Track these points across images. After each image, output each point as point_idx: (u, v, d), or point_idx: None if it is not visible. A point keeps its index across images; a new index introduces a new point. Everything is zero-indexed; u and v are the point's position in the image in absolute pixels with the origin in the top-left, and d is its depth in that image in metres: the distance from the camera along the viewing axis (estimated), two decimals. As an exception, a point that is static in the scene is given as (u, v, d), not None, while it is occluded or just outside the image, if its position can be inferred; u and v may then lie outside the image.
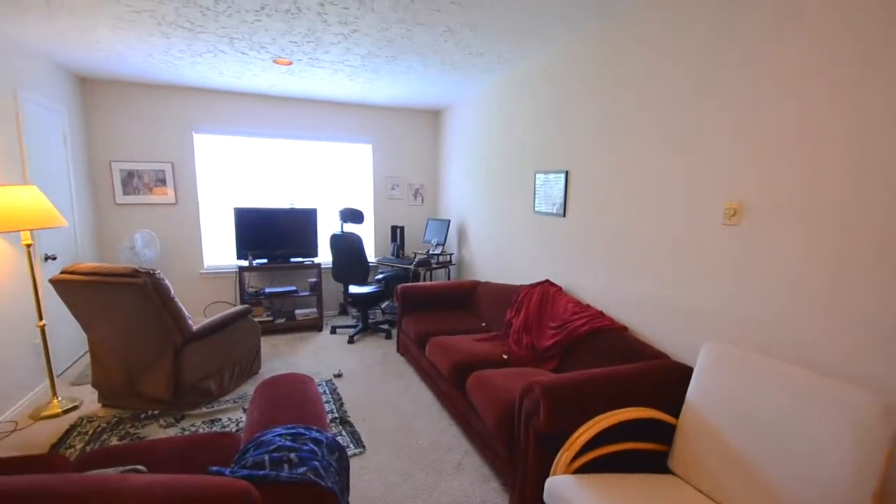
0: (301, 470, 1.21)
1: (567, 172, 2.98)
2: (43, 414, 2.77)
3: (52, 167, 3.41)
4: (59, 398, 2.90)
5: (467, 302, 3.84)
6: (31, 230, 2.64)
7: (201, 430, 2.61)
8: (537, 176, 3.31)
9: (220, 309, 4.61)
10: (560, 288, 3.02)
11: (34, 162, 3.12)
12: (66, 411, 2.83)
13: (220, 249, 4.69)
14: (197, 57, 3.27)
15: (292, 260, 4.58)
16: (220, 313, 3.14)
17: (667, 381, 1.89)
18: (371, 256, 5.17)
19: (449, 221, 4.68)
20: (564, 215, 3.04)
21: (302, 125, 4.78)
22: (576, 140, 2.88)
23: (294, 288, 4.59)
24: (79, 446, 2.44)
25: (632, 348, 2.23)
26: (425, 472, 2.29)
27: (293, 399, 1.65)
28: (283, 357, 3.83)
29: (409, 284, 3.77)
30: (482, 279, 4.12)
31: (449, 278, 4.82)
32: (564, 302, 2.85)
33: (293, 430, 1.33)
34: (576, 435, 1.65)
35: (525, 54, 3.15)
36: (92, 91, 4.04)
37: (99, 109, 4.08)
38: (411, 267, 4.39)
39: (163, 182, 4.35)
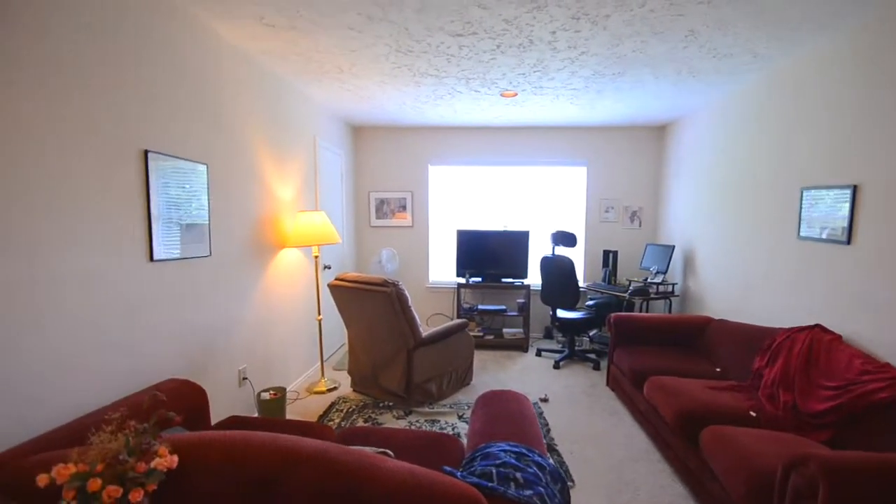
0: (528, 493, 1.18)
1: (855, 187, 2.25)
2: (314, 390, 3.55)
3: (332, 197, 4.45)
4: (325, 379, 3.67)
5: (695, 340, 3.26)
6: (319, 245, 3.47)
7: (424, 427, 2.90)
8: (805, 193, 2.60)
9: (440, 320, 5.14)
10: (838, 336, 2.28)
11: (322, 193, 4.13)
12: (329, 390, 3.56)
13: (442, 267, 5.27)
14: (438, 99, 3.80)
15: (503, 280, 4.78)
16: (442, 325, 3.48)
17: None
18: (581, 281, 4.97)
19: (673, 247, 4.12)
20: (849, 242, 2.29)
21: (518, 151, 5.02)
22: (872, 146, 2.14)
23: (504, 307, 4.77)
24: (336, 421, 3.02)
25: None
26: (649, 536, 1.98)
27: (512, 416, 1.65)
28: (491, 372, 3.99)
29: (624, 314, 3.44)
30: (714, 315, 3.44)
31: (670, 311, 4.21)
32: (847, 356, 2.13)
33: (516, 449, 1.32)
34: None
35: (790, 48, 2.55)
36: (360, 136, 5.14)
37: (363, 151, 5.16)
38: (625, 295, 4.02)
39: (403, 208, 5.18)
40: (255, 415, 2.83)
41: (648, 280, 4.17)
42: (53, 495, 0.99)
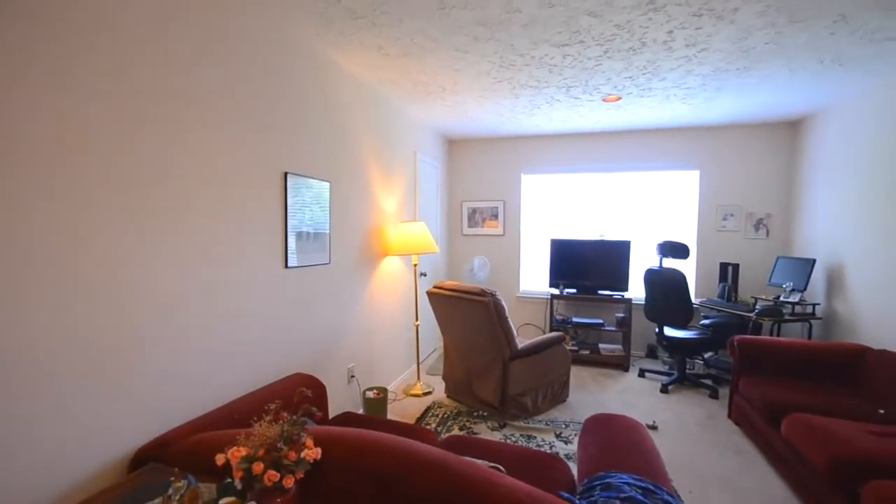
0: (655, 533, 1.09)
1: None
2: (410, 392, 3.68)
3: (429, 207, 4.61)
4: (421, 382, 3.80)
5: (846, 374, 2.78)
6: (418, 254, 3.62)
7: (520, 442, 2.86)
8: None
9: (531, 331, 5.05)
10: None
11: (421, 204, 4.31)
12: (424, 394, 3.68)
13: (533, 277, 5.18)
14: (535, 109, 3.76)
15: (600, 292, 4.55)
16: (537, 337, 3.41)
17: None
18: (693, 297, 4.55)
19: (813, 261, 3.58)
20: None
21: (618, 157, 4.76)
22: None
23: (601, 321, 4.54)
24: (433, 425, 3.10)
25: None
26: None
27: (631, 446, 1.55)
28: (589, 391, 3.80)
29: (752, 337, 3.06)
30: (872, 344, 2.91)
31: (809, 336, 3.65)
32: None
33: (642, 484, 1.24)
34: None
35: None
36: (454, 148, 5.28)
37: (457, 162, 5.29)
38: (751, 315, 3.58)
39: (495, 217, 5.20)
40: (361, 411, 3.02)
41: (781, 299, 3.67)
42: (208, 470, 1.16)
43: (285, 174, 2.21)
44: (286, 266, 2.25)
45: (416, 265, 3.74)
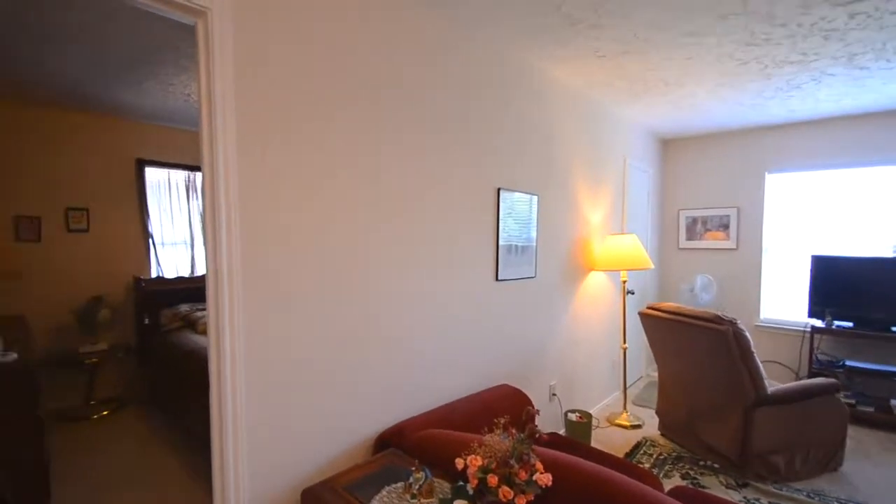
0: None
1: None
2: (615, 421, 3.34)
3: (638, 218, 4.16)
4: (627, 413, 3.41)
5: None
6: (628, 270, 3.28)
7: (770, 513, 2.26)
8: None
9: (777, 371, 4.02)
10: None
11: (629, 214, 3.92)
12: (632, 426, 3.28)
13: (782, 301, 4.12)
14: (793, 90, 3.00)
15: (895, 329, 3.30)
16: (797, 381, 2.66)
17: None
18: None
19: None
20: None
21: (931, 143, 3.40)
22: None
23: (895, 369, 3.29)
24: (647, 465, 2.72)
25: None
26: None
27: None
28: (874, 461, 2.78)
29: None
30: None
31: None
32: None
33: None
34: None
35: None
36: (669, 150, 4.66)
37: (675, 165, 4.65)
38: None
39: (724, 227, 4.35)
40: (562, 432, 2.88)
41: None
42: (436, 464, 1.21)
43: (498, 190, 2.29)
44: (497, 279, 2.31)
45: (624, 282, 3.41)
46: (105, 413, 3.45)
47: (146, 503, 2.32)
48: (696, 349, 2.69)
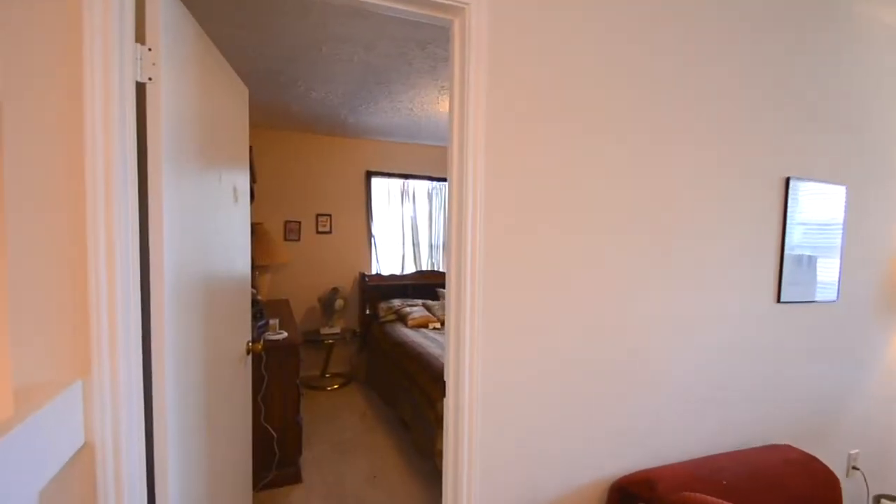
0: None
1: None
2: None
3: None
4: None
5: None
6: None
7: None
8: None
9: None
10: None
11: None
12: None
13: None
14: None
15: None
16: None
17: None
18: None
19: None
20: None
21: None
22: None
23: None
24: None
25: None
26: None
27: None
28: None
29: None
30: None
31: None
32: None
33: None
34: None
35: None
36: None
37: None
38: None
39: None
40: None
41: None
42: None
43: (787, 180, 1.70)
44: (778, 300, 1.73)
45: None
46: (336, 387, 4.03)
47: (374, 471, 2.59)
48: None
